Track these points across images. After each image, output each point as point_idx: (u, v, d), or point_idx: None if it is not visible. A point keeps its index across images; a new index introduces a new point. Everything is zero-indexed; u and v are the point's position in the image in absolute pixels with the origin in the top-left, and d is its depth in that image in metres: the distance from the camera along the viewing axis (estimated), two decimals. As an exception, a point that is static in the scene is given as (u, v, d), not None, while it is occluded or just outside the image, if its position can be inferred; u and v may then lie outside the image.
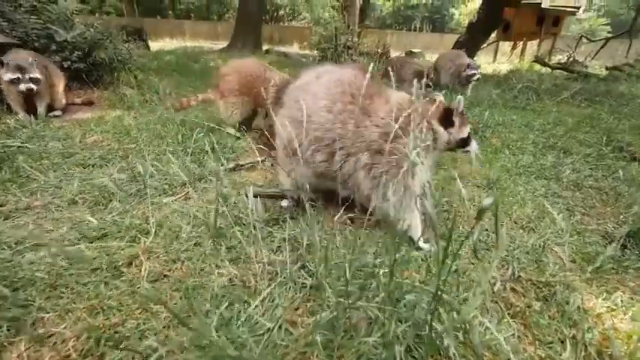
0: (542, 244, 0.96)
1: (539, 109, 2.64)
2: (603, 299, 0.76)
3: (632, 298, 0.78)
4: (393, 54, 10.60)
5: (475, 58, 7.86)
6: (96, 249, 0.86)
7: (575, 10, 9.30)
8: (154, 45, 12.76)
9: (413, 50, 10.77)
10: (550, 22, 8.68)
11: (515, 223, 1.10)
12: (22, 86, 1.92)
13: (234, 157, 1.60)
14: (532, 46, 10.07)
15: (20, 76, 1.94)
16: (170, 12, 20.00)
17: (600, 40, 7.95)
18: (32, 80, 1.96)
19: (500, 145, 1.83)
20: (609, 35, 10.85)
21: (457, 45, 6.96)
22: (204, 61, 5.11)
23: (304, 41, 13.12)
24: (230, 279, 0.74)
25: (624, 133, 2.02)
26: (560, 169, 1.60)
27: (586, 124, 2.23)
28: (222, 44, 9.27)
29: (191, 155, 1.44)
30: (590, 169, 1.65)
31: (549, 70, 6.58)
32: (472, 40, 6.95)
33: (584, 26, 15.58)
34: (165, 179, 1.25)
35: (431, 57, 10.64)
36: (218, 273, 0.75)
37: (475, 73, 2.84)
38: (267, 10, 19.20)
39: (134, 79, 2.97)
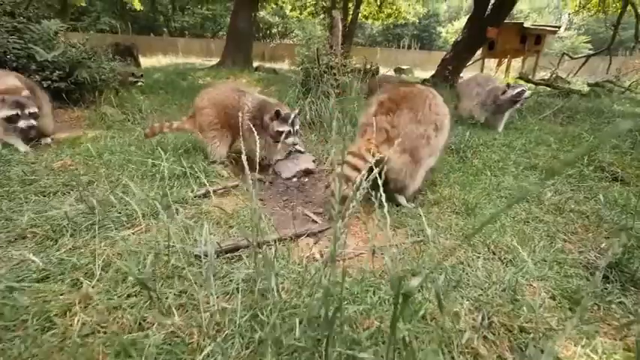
0: (519, 279, 0.91)
1: (521, 128, 2.65)
2: (582, 346, 0.70)
3: (614, 344, 0.72)
4: (382, 71, 10.81)
5: (462, 74, 8.12)
6: (32, 294, 0.78)
7: (556, 29, 9.72)
8: (147, 61, 12.87)
9: (402, 67, 11.04)
10: (532, 40, 8.99)
11: (494, 253, 1.04)
12: (23, 123, 1.75)
13: (209, 180, 1.54)
14: (517, 62, 10.39)
15: (19, 112, 1.78)
16: (165, 29, 20.31)
17: (581, 57, 8.24)
18: (32, 116, 1.81)
19: (482, 165, 1.80)
20: (590, 52, 11.31)
21: (443, 62, 7.14)
22: (192, 78, 5.10)
23: (295, 58, 13.36)
24: (172, 331, 0.66)
25: (605, 153, 2.01)
26: (543, 190, 1.58)
27: (568, 143, 2.24)
28: (215, 61, 9.36)
29: (161, 180, 1.38)
30: (572, 190, 1.63)
31: (533, 86, 6.77)
32: (458, 57, 7.14)
33: (567, 44, 16.22)
34: (127, 209, 1.18)
35: (420, 73, 10.93)
36: (159, 324, 0.68)
37: (523, 91, 2.42)
38: (261, 28, 19.66)
39: (115, 98, 2.92)
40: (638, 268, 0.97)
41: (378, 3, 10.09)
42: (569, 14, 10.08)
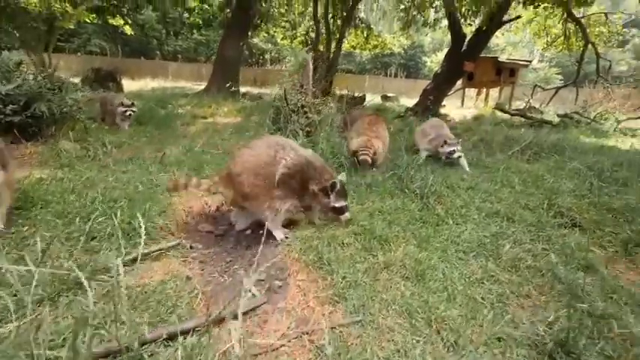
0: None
1: (490, 166, 2.67)
2: None
3: None
4: (369, 98, 11.10)
5: (444, 103, 8.42)
6: None
7: (528, 63, 10.36)
8: (134, 85, 12.92)
9: (388, 95, 11.39)
10: (507, 72, 9.51)
11: (438, 332, 0.97)
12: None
13: (150, 238, 1.42)
14: (495, 92, 10.91)
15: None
16: (157, 52, 20.59)
17: (552, 88, 8.70)
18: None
19: (444, 213, 1.78)
20: (560, 84, 11.99)
21: (425, 93, 7.40)
22: (172, 107, 5.08)
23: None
24: None
25: (565, 196, 2.03)
26: (502, 242, 1.55)
27: (531, 184, 2.26)
28: (205, 85, 9.43)
29: (87, 242, 1.26)
30: (532, 239, 1.61)
31: (510, 115, 7.04)
32: (438, 88, 7.43)
33: (540, 75, 17.19)
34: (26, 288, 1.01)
35: (405, 101, 11.29)
36: None
37: (453, 151, 2.54)
38: (253, 54, 20.19)
39: (73, 131, 2.78)
40: (585, 347, 0.92)
41: (365, 35, 10.52)
42: (540, 49, 10.74)
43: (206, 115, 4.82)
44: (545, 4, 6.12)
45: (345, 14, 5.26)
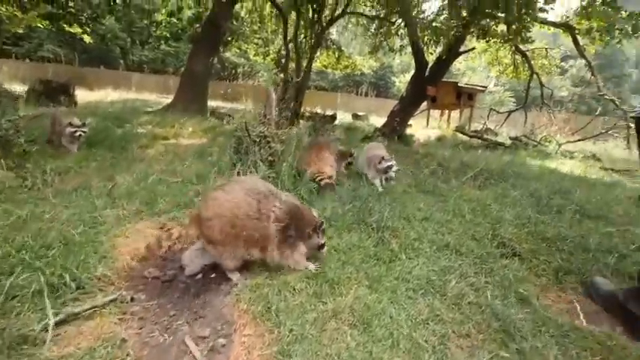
0: None
1: (444, 194, 2.81)
2: None
3: None
4: (340, 116, 11.34)
5: (411, 122, 8.85)
6: None
7: (484, 88, 11.31)
8: (93, 96, 12.20)
9: (358, 113, 11.77)
10: (466, 96, 10.28)
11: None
12: None
13: (83, 292, 1.30)
14: (456, 114, 11.71)
15: None
16: (121, 62, 19.69)
17: (505, 112, 9.53)
18: None
19: (399, 248, 1.83)
20: (513, 106, 13.14)
21: (392, 114, 7.75)
22: (130, 126, 4.83)
23: (258, 99, 13.67)
24: None
25: (507, 225, 2.18)
26: (448, 277, 1.62)
27: (479, 213, 2.40)
28: (171, 98, 9.11)
29: (12, 299, 1.14)
30: (476, 272, 1.70)
31: (468, 137, 7.58)
32: (404, 110, 7.82)
33: (495, 97, 18.75)
34: None
35: (374, 119, 11.72)
36: None
37: (391, 166, 2.77)
38: (226, 67, 20.01)
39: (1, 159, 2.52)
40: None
41: (336, 56, 10.87)
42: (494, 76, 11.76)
43: (168, 135, 4.63)
44: (495, 39, 6.74)
45: (315, 36, 5.41)
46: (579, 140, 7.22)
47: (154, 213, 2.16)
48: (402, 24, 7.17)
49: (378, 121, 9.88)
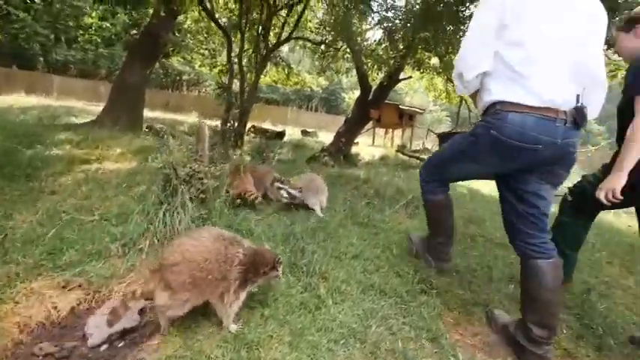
0: None
1: (378, 225, 2.97)
2: None
3: None
4: (289, 132, 11.34)
5: (357, 141, 9.27)
6: None
7: (423, 110, 12.49)
8: (5, 100, 10.51)
9: (307, 130, 11.98)
10: (407, 117, 11.22)
11: None
12: None
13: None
14: (399, 132, 12.66)
15: None
16: (41, 59, 17.22)
17: (440, 133, 10.57)
18: None
19: (326, 292, 1.86)
20: (450, 125, 14.60)
21: (338, 135, 8.04)
22: (42, 147, 4.22)
23: (204, 110, 13.07)
24: None
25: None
26: (370, 322, 1.69)
27: (406, 246, 2.57)
28: (102, 105, 8.18)
29: None
30: (396, 314, 1.80)
31: (408, 157, 8.19)
32: (350, 130, 8.20)
33: (434, 117, 20.70)
34: None
35: (324, 136, 12.02)
36: None
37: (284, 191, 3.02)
38: (169, 74, 18.80)
39: None
40: None
41: (286, 72, 11.00)
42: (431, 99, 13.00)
43: (91, 158, 4.15)
44: (428, 71, 7.50)
45: (261, 58, 5.40)
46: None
47: (57, 267, 1.89)
48: (348, 49, 7.56)
49: (328, 137, 10.16)
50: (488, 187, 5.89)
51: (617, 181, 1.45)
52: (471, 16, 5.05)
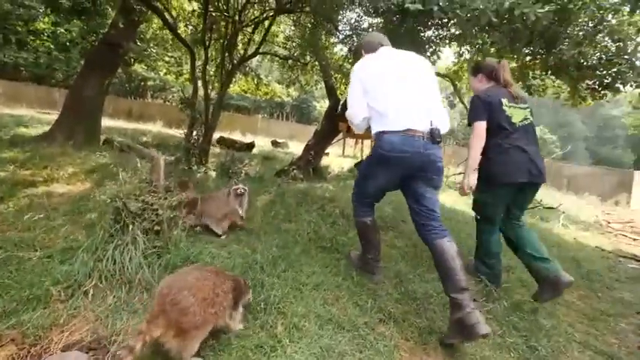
0: None
1: (341, 249, 3.01)
2: None
3: None
4: (260, 143, 11.19)
5: (328, 150, 9.36)
6: None
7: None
8: None
9: (278, 140, 11.91)
10: (376, 128, 11.56)
11: None
12: None
13: None
14: (369, 142, 13.00)
15: None
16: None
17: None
18: None
19: (283, 330, 1.86)
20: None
21: (307, 147, 8.08)
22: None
23: (169, 119, 12.55)
24: None
25: (388, 285, 2.45)
26: (326, 360, 1.71)
27: (354, 284, 2.62)
28: (55, 114, 7.54)
29: None
30: (352, 349, 1.84)
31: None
32: (319, 143, 8.28)
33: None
34: None
35: (294, 146, 12.02)
36: None
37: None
38: (132, 80, 17.91)
39: None
40: None
41: (255, 82, 10.92)
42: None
43: (37, 180, 3.83)
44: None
45: (226, 74, 5.32)
46: (461, 173, 8.75)
47: (-10, 322, 1.72)
48: (316, 63, 7.68)
49: (298, 147, 10.18)
50: (450, 199, 6.21)
51: (472, 177, 2.35)
52: (430, 39, 5.37)
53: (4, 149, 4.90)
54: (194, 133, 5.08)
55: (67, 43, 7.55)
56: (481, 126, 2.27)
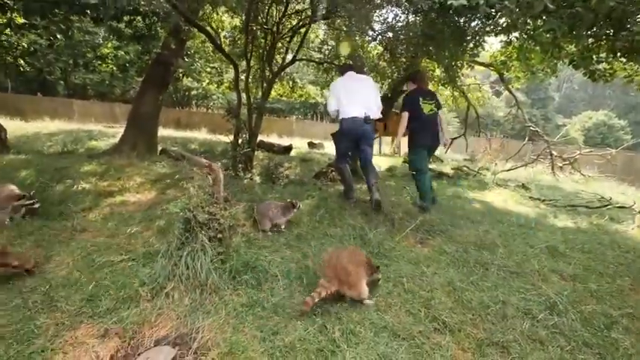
0: None
1: (388, 254, 3.04)
2: None
3: None
4: (296, 144, 11.43)
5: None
6: None
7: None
8: (30, 127, 11.06)
9: (313, 142, 12.10)
10: (414, 124, 11.24)
11: None
12: None
13: None
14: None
15: None
16: (62, 83, 18.04)
17: (447, 139, 10.53)
18: None
19: (341, 335, 1.96)
20: (457, 125, 14.35)
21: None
22: (72, 181, 4.50)
23: (213, 125, 13.40)
24: None
25: (441, 293, 2.44)
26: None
27: (417, 278, 2.64)
28: (119, 127, 8.44)
29: None
30: (409, 358, 1.88)
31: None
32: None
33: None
34: None
35: (330, 146, 12.08)
36: None
37: None
38: (178, 90, 19.35)
39: None
40: None
41: (290, 85, 11.21)
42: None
43: (114, 190, 4.39)
44: (433, 82, 7.55)
45: (266, 83, 5.60)
46: (511, 169, 8.19)
47: (95, 314, 2.08)
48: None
49: (333, 147, 10.24)
50: (500, 199, 5.87)
51: (397, 141, 4.47)
52: (473, 31, 5.09)
53: (84, 163, 5.65)
54: (239, 141, 5.40)
55: (127, 64, 8.55)
56: (405, 115, 3.89)
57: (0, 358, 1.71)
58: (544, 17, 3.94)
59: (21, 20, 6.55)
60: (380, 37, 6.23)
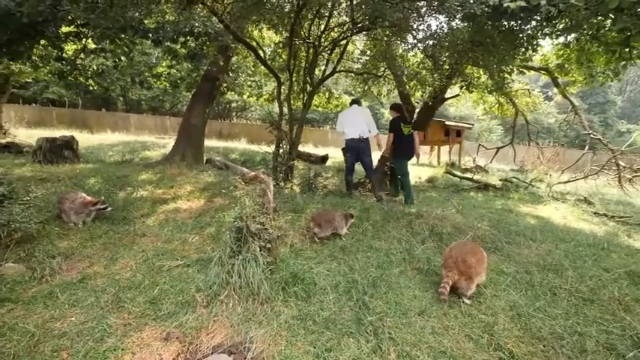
0: None
1: (439, 271, 2.88)
2: None
3: None
4: (332, 154, 11.45)
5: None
6: None
7: (471, 125, 11.85)
8: (95, 139, 12.37)
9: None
10: (454, 133, 10.73)
11: None
12: None
13: None
14: (446, 148, 12.13)
15: None
16: (121, 99, 20.11)
17: (493, 148, 9.85)
18: None
19: (396, 357, 1.87)
20: (501, 133, 13.47)
21: (382, 160, 7.97)
22: (132, 189, 4.91)
23: (252, 136, 13.98)
24: None
25: (503, 319, 2.24)
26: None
27: (474, 300, 2.46)
28: (169, 139, 9.06)
29: None
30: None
31: (459, 178, 7.77)
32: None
33: (483, 125, 19.39)
34: None
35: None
36: None
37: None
38: (220, 102, 20.56)
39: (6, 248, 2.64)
40: None
41: (327, 96, 11.35)
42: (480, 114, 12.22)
43: (167, 198, 4.72)
44: (478, 90, 7.17)
45: (308, 95, 5.72)
46: (569, 181, 7.44)
47: (158, 317, 2.20)
48: (389, 74, 7.59)
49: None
50: (558, 214, 5.34)
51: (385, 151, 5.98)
52: (528, 35, 4.77)
53: (141, 172, 6.16)
54: (280, 152, 5.54)
55: (178, 81, 9.36)
56: (391, 136, 5.14)
57: (77, 353, 1.86)
58: (612, 15, 3.59)
59: (92, 45, 7.43)
60: (421, 44, 6.10)
